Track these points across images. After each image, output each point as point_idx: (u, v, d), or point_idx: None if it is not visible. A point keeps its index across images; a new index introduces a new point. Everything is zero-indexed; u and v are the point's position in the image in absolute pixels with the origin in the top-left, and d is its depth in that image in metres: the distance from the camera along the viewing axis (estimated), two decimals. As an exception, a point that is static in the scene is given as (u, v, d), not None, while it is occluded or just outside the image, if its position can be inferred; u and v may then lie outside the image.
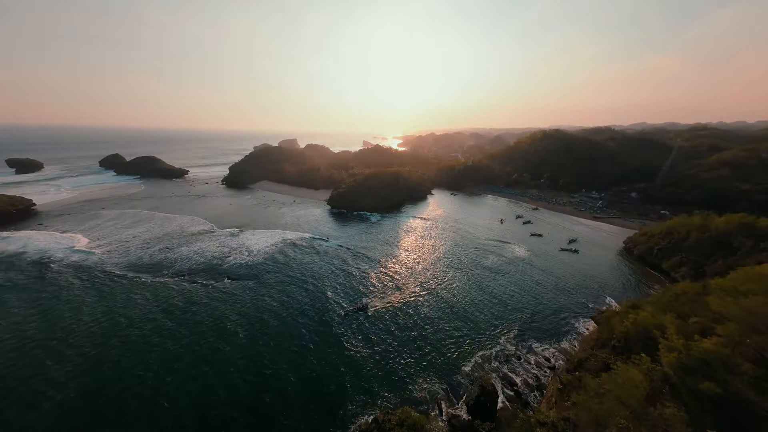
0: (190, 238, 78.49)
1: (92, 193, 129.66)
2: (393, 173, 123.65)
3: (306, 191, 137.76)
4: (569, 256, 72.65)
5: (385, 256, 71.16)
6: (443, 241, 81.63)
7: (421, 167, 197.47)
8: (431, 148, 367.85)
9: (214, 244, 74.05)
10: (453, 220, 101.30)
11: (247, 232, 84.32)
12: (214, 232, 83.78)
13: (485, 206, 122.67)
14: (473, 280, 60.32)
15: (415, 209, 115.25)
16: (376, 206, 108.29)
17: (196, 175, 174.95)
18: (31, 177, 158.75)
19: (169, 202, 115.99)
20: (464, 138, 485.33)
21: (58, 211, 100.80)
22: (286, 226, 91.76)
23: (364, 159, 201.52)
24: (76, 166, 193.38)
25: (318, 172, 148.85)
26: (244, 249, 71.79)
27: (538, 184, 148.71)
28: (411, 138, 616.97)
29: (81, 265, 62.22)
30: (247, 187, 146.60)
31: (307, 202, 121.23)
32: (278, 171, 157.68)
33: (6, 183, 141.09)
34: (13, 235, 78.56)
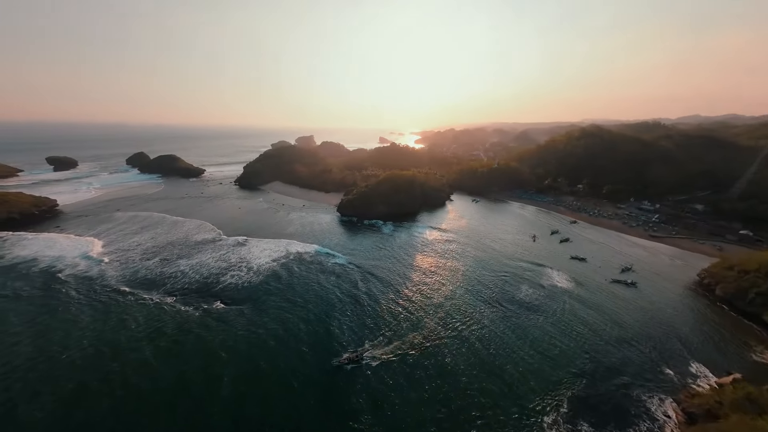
0: (192, 248, 74.62)
1: (115, 192, 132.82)
2: (408, 178, 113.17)
3: (317, 194, 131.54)
4: (625, 289, 59.03)
5: (399, 279, 62.34)
6: (465, 262, 70.93)
7: (439, 168, 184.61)
8: (450, 146, 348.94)
9: (214, 257, 69.26)
10: (476, 233, 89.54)
11: (252, 242, 79.28)
12: (218, 241, 79.51)
13: (513, 216, 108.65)
14: (505, 318, 49.78)
15: (432, 218, 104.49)
16: (389, 214, 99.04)
17: (212, 175, 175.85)
18: (66, 174, 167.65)
19: (182, 205, 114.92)
20: (486, 134, 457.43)
21: (78, 212, 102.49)
22: (292, 235, 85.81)
23: (378, 158, 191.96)
24: (107, 164, 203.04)
25: (329, 174, 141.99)
26: (244, 265, 66.14)
27: (575, 190, 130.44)
28: (429, 134, 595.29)
29: (83, 277, 60.43)
30: (258, 189, 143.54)
31: (317, 207, 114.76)
32: (290, 172, 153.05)
33: (44, 180, 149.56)
34: (29, 239, 79.33)
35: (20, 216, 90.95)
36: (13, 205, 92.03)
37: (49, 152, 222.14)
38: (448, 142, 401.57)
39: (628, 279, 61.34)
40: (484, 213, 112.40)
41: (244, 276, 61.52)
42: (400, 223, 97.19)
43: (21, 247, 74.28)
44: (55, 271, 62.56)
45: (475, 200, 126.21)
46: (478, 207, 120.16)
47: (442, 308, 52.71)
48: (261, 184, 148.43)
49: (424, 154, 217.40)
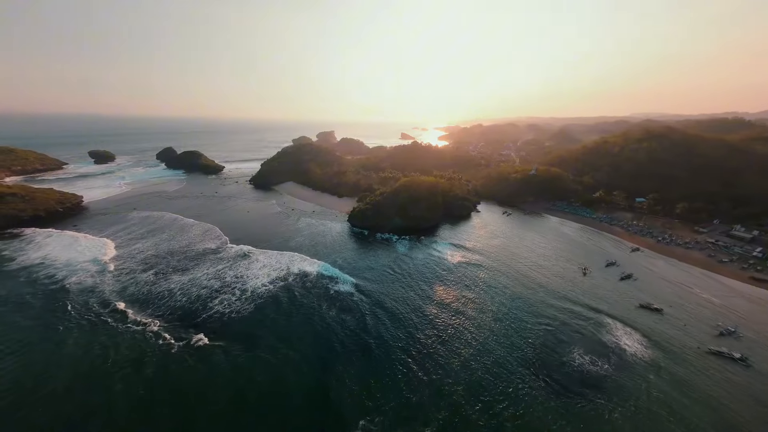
0: (191, 260, 69.75)
1: (140, 188, 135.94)
2: (429, 186, 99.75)
3: (329, 198, 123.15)
4: (731, 367, 42.04)
5: (414, 318, 51.92)
6: (497, 297, 57.97)
7: (464, 170, 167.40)
8: (477, 144, 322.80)
9: (209, 274, 63.36)
10: (509, 257, 75.02)
11: (254, 255, 73.15)
12: (219, 252, 74.16)
13: (553, 236, 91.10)
14: (555, 402, 36.91)
15: (455, 233, 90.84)
16: (406, 228, 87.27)
17: (230, 172, 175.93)
18: (104, 168, 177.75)
19: (195, 205, 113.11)
20: (518, 131, 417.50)
21: (98, 210, 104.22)
22: (298, 247, 78.50)
23: (398, 158, 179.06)
24: (140, 158, 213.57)
25: (343, 177, 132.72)
26: (239, 286, 59.23)
27: (635, 206, 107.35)
28: (454, 130, 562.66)
29: (80, 289, 57.88)
30: (272, 189, 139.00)
31: (328, 214, 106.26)
32: (305, 172, 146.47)
33: (83, 174, 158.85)
34: (46, 239, 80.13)
35: (45, 213, 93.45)
36: (40, 203, 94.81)
37: (95, 145, 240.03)
38: (475, 139, 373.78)
39: (734, 351, 43.91)
40: (518, 230, 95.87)
41: (235, 303, 54.32)
42: (417, 238, 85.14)
43: (36, 248, 74.67)
44: (58, 279, 60.94)
45: (506, 213, 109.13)
46: (510, 221, 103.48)
47: (469, 369, 41.08)
48: (275, 183, 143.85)
49: (448, 154, 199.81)
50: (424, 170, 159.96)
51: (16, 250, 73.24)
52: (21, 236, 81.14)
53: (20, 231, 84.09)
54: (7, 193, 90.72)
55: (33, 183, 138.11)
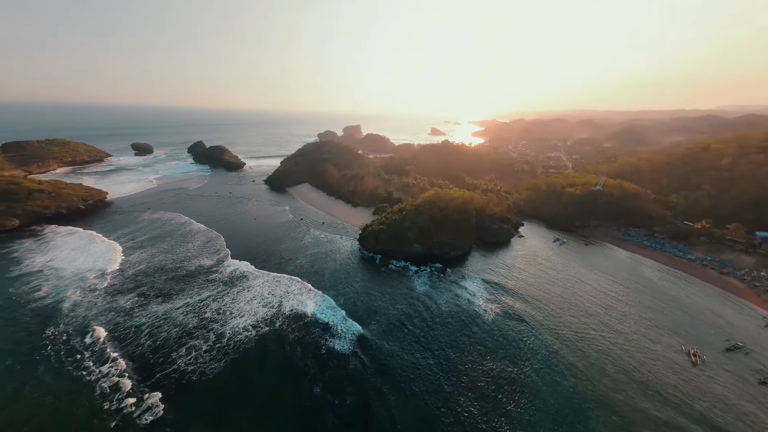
0: (179, 280, 62.29)
1: (164, 184, 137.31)
2: (460, 204, 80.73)
3: (342, 207, 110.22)
4: None
5: (434, 407, 36.81)
6: (553, 387, 40.78)
7: (503, 176, 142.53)
8: (518, 143, 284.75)
9: (190, 305, 54.74)
10: (565, 310, 55.68)
11: (248, 279, 64.27)
12: (213, 272, 66.10)
13: (630, 282, 67.35)
14: None
15: (490, 265, 72.11)
16: (428, 255, 70.70)
17: (250, 169, 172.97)
18: (141, 161, 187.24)
19: (207, 207, 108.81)
20: (568, 128, 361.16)
21: (118, 208, 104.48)
22: (299, 270, 68.21)
23: (425, 160, 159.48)
24: (175, 151, 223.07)
25: (360, 183, 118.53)
26: (216, 328, 49.39)
27: (757, 244, 76.42)
28: (492, 125, 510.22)
29: (64, 309, 52.88)
30: (286, 191, 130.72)
31: (338, 226, 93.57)
32: (321, 174, 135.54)
33: (120, 167, 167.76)
34: (57, 240, 79.60)
35: (67, 211, 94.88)
36: (64, 200, 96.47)
37: (139, 137, 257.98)
38: (516, 136, 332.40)
39: None
40: (578, 267, 73.28)
41: (204, 355, 44.05)
42: (441, 270, 68.36)
43: (45, 250, 73.49)
44: (50, 293, 56.94)
45: (558, 241, 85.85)
46: (564, 253, 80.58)
47: None
48: (290, 185, 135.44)
49: (484, 155, 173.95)
50: (454, 176, 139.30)
51: (26, 251, 72.57)
52: (39, 235, 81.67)
53: (42, 228, 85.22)
54: (35, 189, 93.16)
55: (78, 174, 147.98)
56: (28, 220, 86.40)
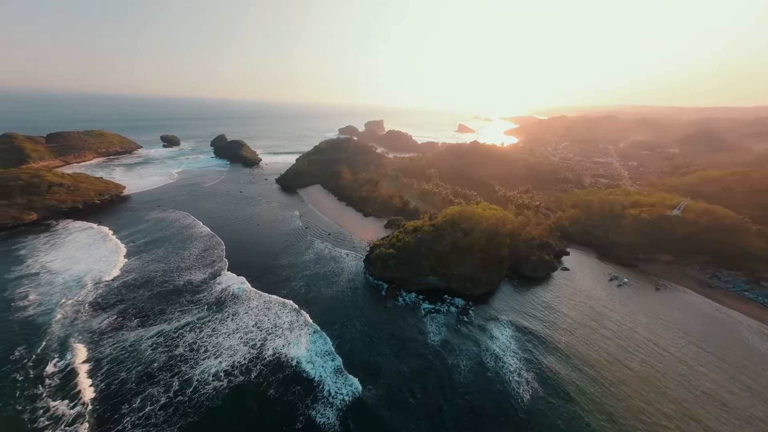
0: (161, 299, 56.59)
1: (183, 179, 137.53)
2: (489, 229, 65.09)
3: (352, 216, 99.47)
4: None
5: None
6: None
7: (542, 186, 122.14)
8: (559, 144, 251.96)
9: (163, 334, 48.06)
10: (630, 385, 41.36)
11: (237, 302, 56.79)
12: (201, 291, 59.78)
13: (728, 354, 49.00)
14: None
15: (524, 306, 57.71)
16: (445, 289, 57.65)
17: (266, 166, 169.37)
18: (167, 153, 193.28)
19: (216, 207, 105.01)
20: (622, 127, 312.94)
21: (131, 204, 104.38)
22: (295, 294, 59.96)
23: (449, 163, 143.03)
24: (200, 143, 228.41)
25: (374, 189, 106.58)
26: (184, 371, 42.04)
27: None
28: (528, 122, 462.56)
29: (45, 324, 49.22)
30: (297, 193, 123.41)
31: (346, 239, 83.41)
32: (335, 175, 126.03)
33: (147, 158, 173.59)
34: (65, 237, 79.02)
35: (83, 205, 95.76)
36: (81, 194, 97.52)
37: (169, 129, 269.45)
38: (556, 136, 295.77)
39: None
40: (646, 323, 55.53)
41: (160, 408, 36.63)
42: (462, 310, 55.21)
43: (51, 248, 72.64)
44: (38, 302, 53.86)
45: (617, 280, 67.35)
46: (625, 298, 62.46)
47: None
48: (302, 186, 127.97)
49: (519, 159, 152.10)
50: (482, 184, 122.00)
51: (32, 249, 72.04)
52: (51, 230, 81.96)
53: (56, 223, 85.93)
54: (55, 183, 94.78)
55: (108, 165, 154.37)
56: (45, 214, 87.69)
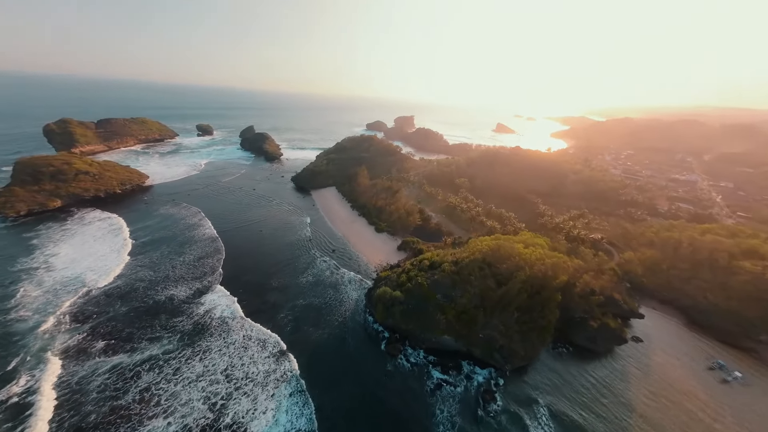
0: (135, 319, 50.90)
1: (207, 171, 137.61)
2: (536, 277, 47.89)
3: (363, 229, 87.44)
4: None
5: None
6: None
7: (599, 206, 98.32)
8: (622, 152, 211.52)
9: (119, 370, 41.51)
10: None
11: (214, 333, 49.22)
12: (180, 313, 53.45)
13: None
14: None
15: (576, 393, 41.96)
16: (464, 353, 43.41)
17: (285, 161, 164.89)
18: (199, 142, 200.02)
19: (226, 206, 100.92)
20: (707, 133, 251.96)
21: (149, 196, 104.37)
22: (281, 326, 51.29)
23: (484, 171, 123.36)
24: (231, 133, 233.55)
25: (391, 201, 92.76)
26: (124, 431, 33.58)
27: None
28: (581, 124, 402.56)
29: (15, 333, 46.19)
30: (310, 195, 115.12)
31: (350, 260, 72.33)
32: (352, 178, 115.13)
33: (179, 147, 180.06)
34: (78, 227, 79.36)
35: (105, 194, 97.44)
36: (104, 183, 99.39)
37: (205, 119, 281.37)
38: (617, 142, 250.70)
39: None
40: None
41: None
42: (486, 391, 40.83)
43: (60, 239, 72.49)
44: (19, 307, 51.18)
45: (720, 370, 46.54)
46: (733, 401, 42.15)
47: None
48: (316, 187, 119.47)
49: (570, 172, 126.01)
50: (522, 201, 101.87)
51: (45, 238, 72.42)
52: (68, 219, 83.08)
53: (77, 211, 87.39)
54: (82, 170, 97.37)
55: (144, 152, 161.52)
56: (68, 202, 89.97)
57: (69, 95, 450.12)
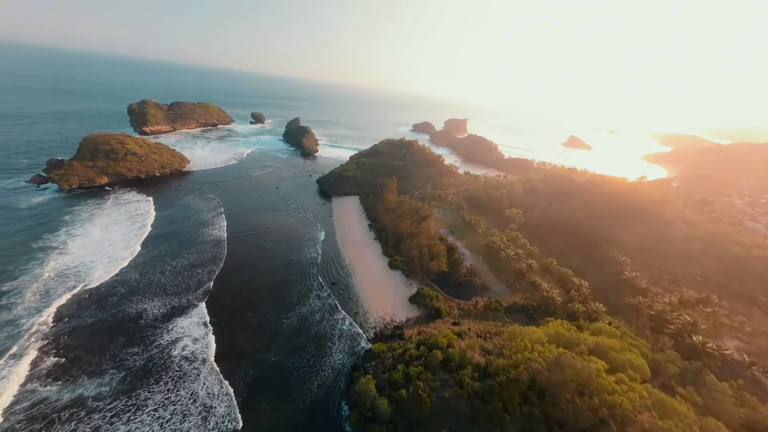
0: (97, 335, 45.90)
1: (245, 162, 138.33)
2: None
3: (375, 262, 71.74)
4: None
5: None
6: None
7: (740, 287, 63.97)
8: (765, 197, 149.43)
9: (37, 414, 34.47)
10: None
11: (162, 382, 40.91)
12: (145, 337, 47.29)
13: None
14: None
15: None
16: None
17: (318, 159, 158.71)
18: (249, 129, 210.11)
19: (245, 204, 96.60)
20: None
21: (182, 182, 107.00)
22: (242, 390, 40.38)
23: (546, 202, 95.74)
24: (277, 124, 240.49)
25: (416, 228, 74.42)
26: None
27: None
28: (690, 146, 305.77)
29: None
30: (330, 202, 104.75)
31: (349, 301, 58.55)
32: (378, 190, 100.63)
33: (232, 132, 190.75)
34: (109, 205, 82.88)
35: (145, 176, 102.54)
36: (147, 165, 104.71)
37: (259, 107, 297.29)
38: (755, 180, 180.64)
39: None
40: None
41: None
42: None
43: (87, 219, 74.84)
44: (9, 294, 50.38)
45: None
46: None
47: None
48: (340, 194, 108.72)
49: (681, 222, 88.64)
50: (598, 258, 73.83)
51: (77, 215, 75.62)
52: (106, 197, 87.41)
53: (116, 190, 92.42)
54: (131, 151, 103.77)
55: (200, 136, 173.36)
56: (113, 180, 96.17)
57: (164, 80, 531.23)
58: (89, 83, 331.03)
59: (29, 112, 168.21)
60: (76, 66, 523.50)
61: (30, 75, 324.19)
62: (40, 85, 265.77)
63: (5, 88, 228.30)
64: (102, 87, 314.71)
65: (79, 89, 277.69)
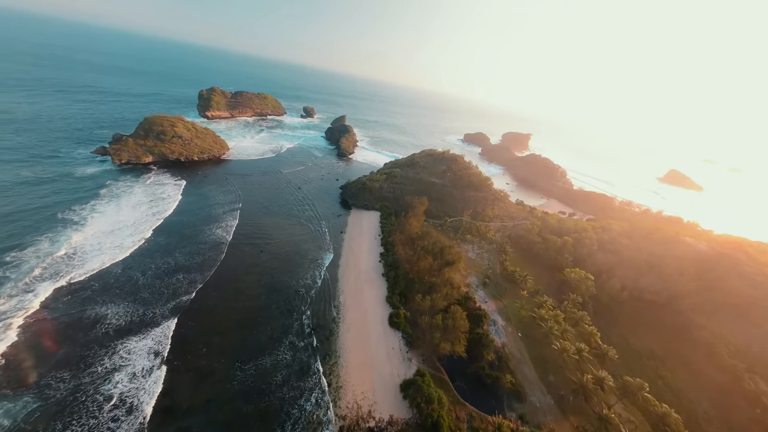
0: (48, 347, 41.24)
1: (282, 156, 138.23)
2: None
3: (373, 309, 56.26)
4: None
5: None
6: None
7: None
8: None
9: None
10: None
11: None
12: (102, 351, 42.43)
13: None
14: None
15: None
16: None
17: (350, 163, 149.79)
18: (297, 122, 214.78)
19: (265, 202, 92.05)
20: None
21: (217, 171, 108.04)
22: None
23: (627, 266, 67.26)
24: (324, 119, 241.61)
25: (436, 276, 56.27)
26: None
27: None
28: None
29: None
30: (348, 215, 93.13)
31: (326, 364, 45.42)
32: (402, 211, 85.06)
33: (279, 123, 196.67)
34: (140, 186, 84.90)
35: (185, 159, 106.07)
36: (189, 149, 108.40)
37: (310, 101, 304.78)
38: None
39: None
40: None
41: None
42: None
43: (116, 196, 77.56)
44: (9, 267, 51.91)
45: None
46: None
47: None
48: (361, 207, 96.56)
49: None
50: (714, 374, 45.58)
51: (110, 191, 78.88)
52: (144, 175, 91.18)
53: (155, 170, 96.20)
54: (178, 134, 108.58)
55: (253, 124, 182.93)
56: (156, 159, 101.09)
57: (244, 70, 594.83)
58: (185, 68, 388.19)
59: (127, 90, 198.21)
60: (175, 54, 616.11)
61: (138, 58, 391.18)
62: (146, 68, 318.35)
63: (122, 69, 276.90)
64: (190, 71, 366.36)
65: (172, 73, 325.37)
